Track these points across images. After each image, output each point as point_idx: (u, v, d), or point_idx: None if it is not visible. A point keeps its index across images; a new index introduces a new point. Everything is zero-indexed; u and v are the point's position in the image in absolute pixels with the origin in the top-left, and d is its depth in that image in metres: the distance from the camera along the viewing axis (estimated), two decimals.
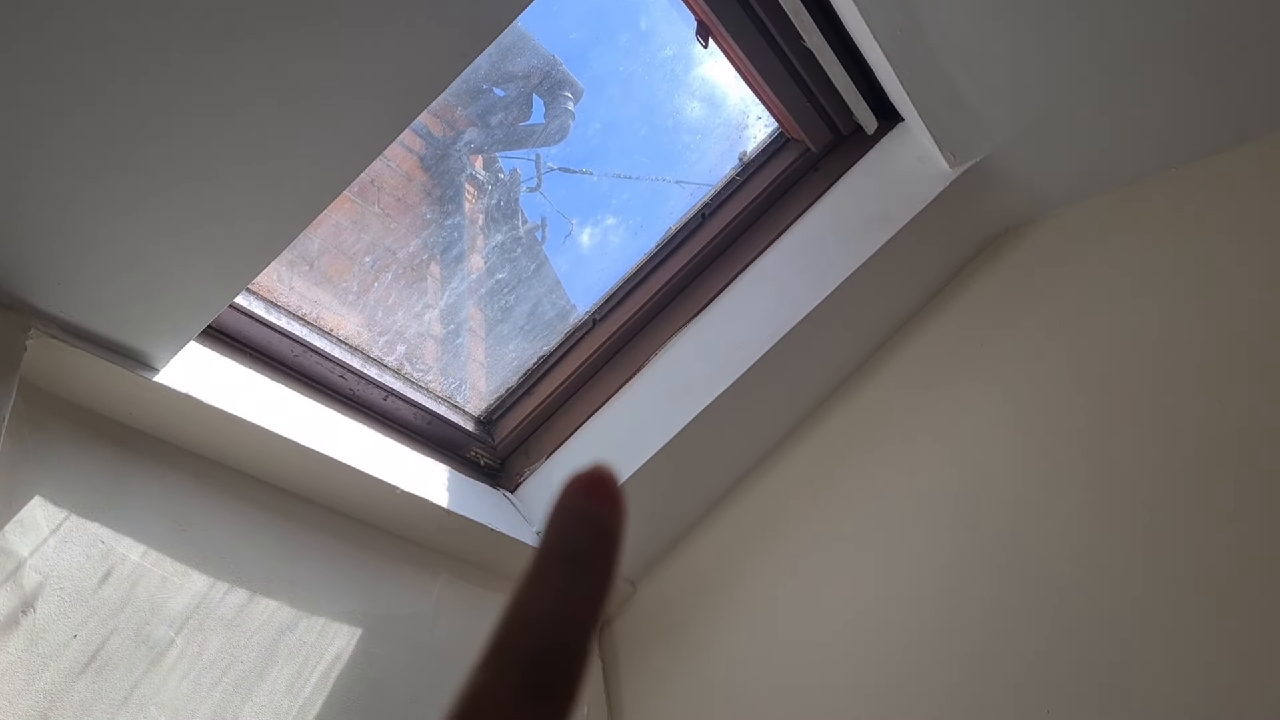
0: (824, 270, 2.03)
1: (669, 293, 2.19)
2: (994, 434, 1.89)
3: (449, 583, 1.92)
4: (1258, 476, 1.56)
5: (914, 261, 2.06)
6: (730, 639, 2.04)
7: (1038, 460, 1.81)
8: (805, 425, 2.15)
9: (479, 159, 2.87)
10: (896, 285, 2.07)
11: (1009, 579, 1.75)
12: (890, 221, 2.01)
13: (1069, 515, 1.73)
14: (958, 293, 2.09)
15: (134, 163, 1.25)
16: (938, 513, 1.88)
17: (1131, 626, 1.59)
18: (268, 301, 1.85)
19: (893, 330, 2.13)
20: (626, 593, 2.23)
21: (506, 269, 2.46)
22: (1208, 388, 1.69)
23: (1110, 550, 1.66)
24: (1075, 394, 1.83)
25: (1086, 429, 1.78)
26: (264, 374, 1.78)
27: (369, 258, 2.16)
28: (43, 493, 1.36)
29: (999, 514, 1.81)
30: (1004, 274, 2.05)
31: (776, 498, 2.12)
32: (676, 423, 2.03)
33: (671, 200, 2.35)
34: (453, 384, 2.21)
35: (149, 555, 1.46)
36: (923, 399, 2.01)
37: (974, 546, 1.81)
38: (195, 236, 1.36)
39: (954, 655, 1.75)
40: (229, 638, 1.51)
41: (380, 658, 1.72)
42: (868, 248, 2.00)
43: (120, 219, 1.30)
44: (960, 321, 2.06)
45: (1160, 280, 1.84)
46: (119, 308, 1.41)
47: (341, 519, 1.78)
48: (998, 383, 1.94)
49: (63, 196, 1.25)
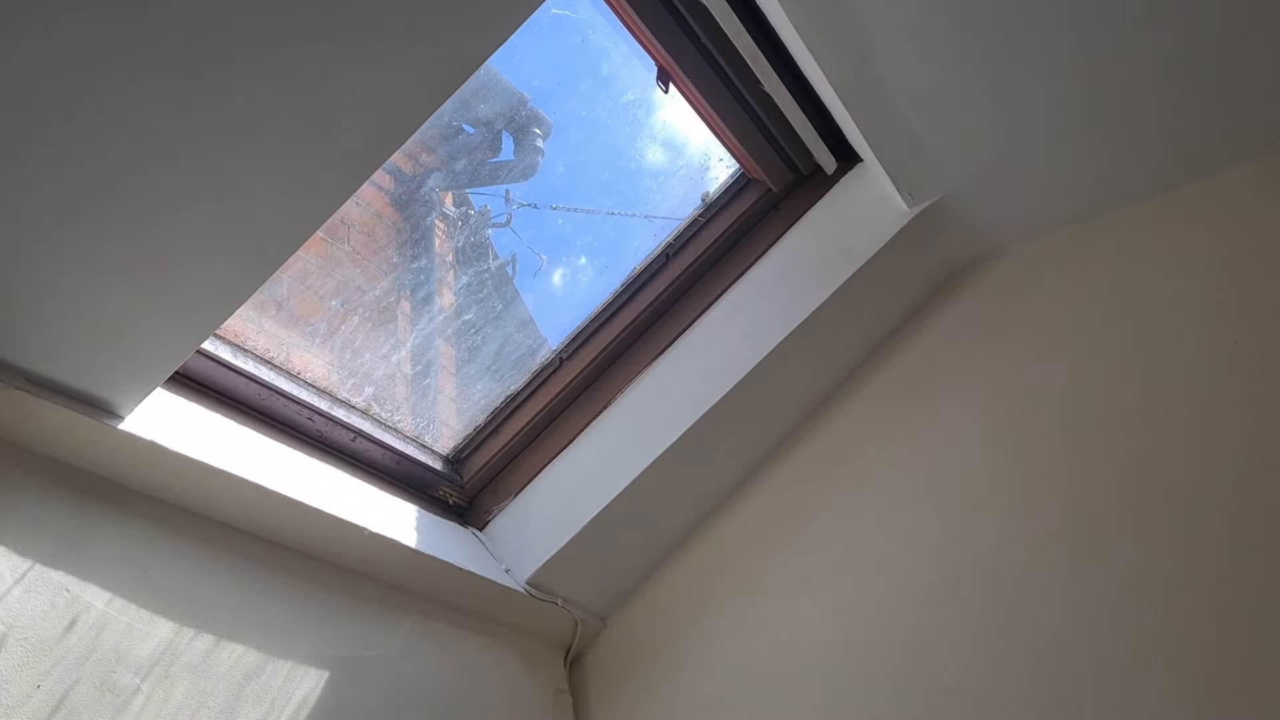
0: (786, 307, 2.06)
1: (634, 331, 2.22)
2: (957, 467, 1.92)
3: (417, 622, 1.93)
4: (1214, 495, 1.61)
5: (875, 298, 2.09)
6: (699, 671, 2.05)
7: (999, 490, 1.84)
8: (771, 460, 2.18)
9: (449, 195, 2.89)
10: (858, 322, 2.11)
11: (973, 616, 1.77)
12: (851, 259, 2.04)
13: (1030, 543, 1.76)
14: (918, 329, 2.13)
15: (91, 212, 1.26)
16: (901, 547, 1.91)
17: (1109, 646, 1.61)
18: (234, 345, 1.86)
19: (856, 365, 2.16)
20: (596, 628, 2.24)
21: (474, 309, 2.49)
22: (1162, 416, 1.73)
23: (1071, 575, 1.69)
24: (1035, 423, 1.86)
25: (1045, 457, 1.82)
26: (230, 418, 1.79)
27: (336, 300, 2.17)
28: (5, 542, 1.37)
29: (961, 544, 1.84)
30: (963, 309, 2.09)
31: (745, 532, 2.14)
32: (644, 459, 2.05)
33: (637, 238, 2.38)
34: (421, 423, 2.23)
35: (114, 603, 1.46)
36: (888, 432, 2.04)
37: (939, 580, 1.83)
38: (157, 285, 1.37)
39: (923, 691, 1.77)
40: (195, 683, 1.52)
41: (348, 699, 1.73)
42: (829, 285, 2.04)
43: (78, 268, 1.32)
44: (921, 357, 2.09)
45: (1114, 313, 1.88)
46: (81, 357, 1.42)
47: (309, 561, 1.79)
48: (960, 416, 1.97)
49: (20, 246, 1.26)
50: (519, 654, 2.11)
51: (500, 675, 2.05)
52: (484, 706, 1.97)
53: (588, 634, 2.24)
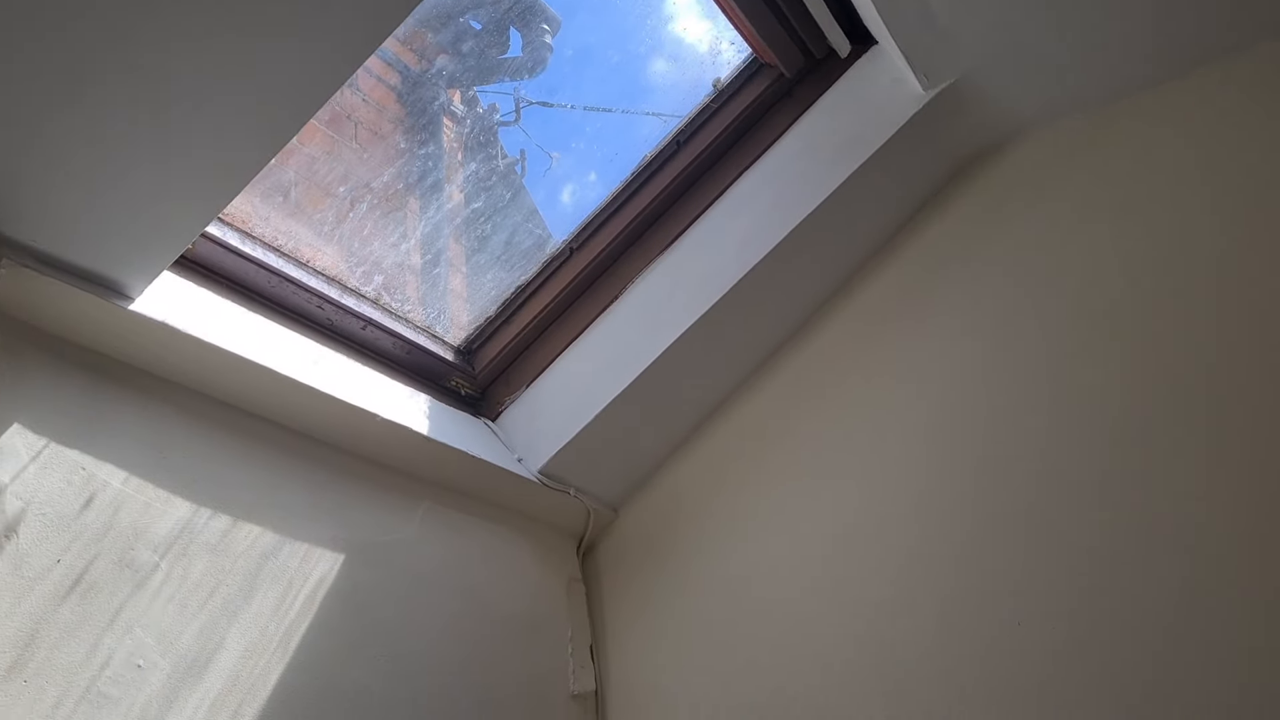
0: (800, 195, 2.04)
1: (645, 220, 2.19)
2: (972, 355, 1.91)
3: (431, 509, 1.94)
4: (1229, 391, 1.59)
5: (890, 185, 2.06)
6: (711, 560, 2.07)
7: (1011, 380, 1.83)
8: (784, 350, 2.17)
9: (456, 93, 2.85)
10: (872, 209, 2.08)
11: (981, 498, 1.78)
12: (865, 145, 2.01)
13: (1041, 435, 1.75)
14: (933, 215, 2.10)
15: (97, 91, 1.24)
16: (914, 434, 1.91)
17: (1100, 540, 1.62)
18: (243, 232, 1.84)
19: (869, 255, 2.14)
20: (609, 518, 2.26)
21: (482, 198, 2.46)
22: (1179, 304, 1.71)
23: (1079, 466, 1.69)
24: (1050, 312, 1.85)
25: (1059, 347, 1.80)
26: (241, 304, 1.79)
27: (343, 188, 2.15)
28: (21, 420, 1.37)
29: (973, 435, 1.83)
30: (980, 195, 2.06)
31: (755, 422, 2.14)
32: (655, 348, 2.05)
33: (647, 128, 2.34)
34: (432, 314, 2.22)
35: (130, 481, 1.48)
36: (902, 321, 2.03)
37: (948, 467, 1.83)
38: (164, 163, 1.36)
39: (928, 571, 1.78)
40: (213, 562, 1.54)
41: (364, 582, 1.75)
42: (843, 171, 2.01)
43: (86, 147, 1.30)
44: (937, 244, 2.07)
45: (1132, 200, 1.85)
46: (90, 236, 1.41)
47: (323, 447, 1.80)
48: (975, 303, 1.95)
49: (28, 126, 1.25)
50: (533, 543, 2.13)
51: (514, 563, 2.07)
52: (499, 593, 2.00)
53: (600, 524, 2.26)
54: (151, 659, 1.40)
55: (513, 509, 2.12)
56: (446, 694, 1.78)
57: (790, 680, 1.85)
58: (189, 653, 1.45)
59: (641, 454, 2.22)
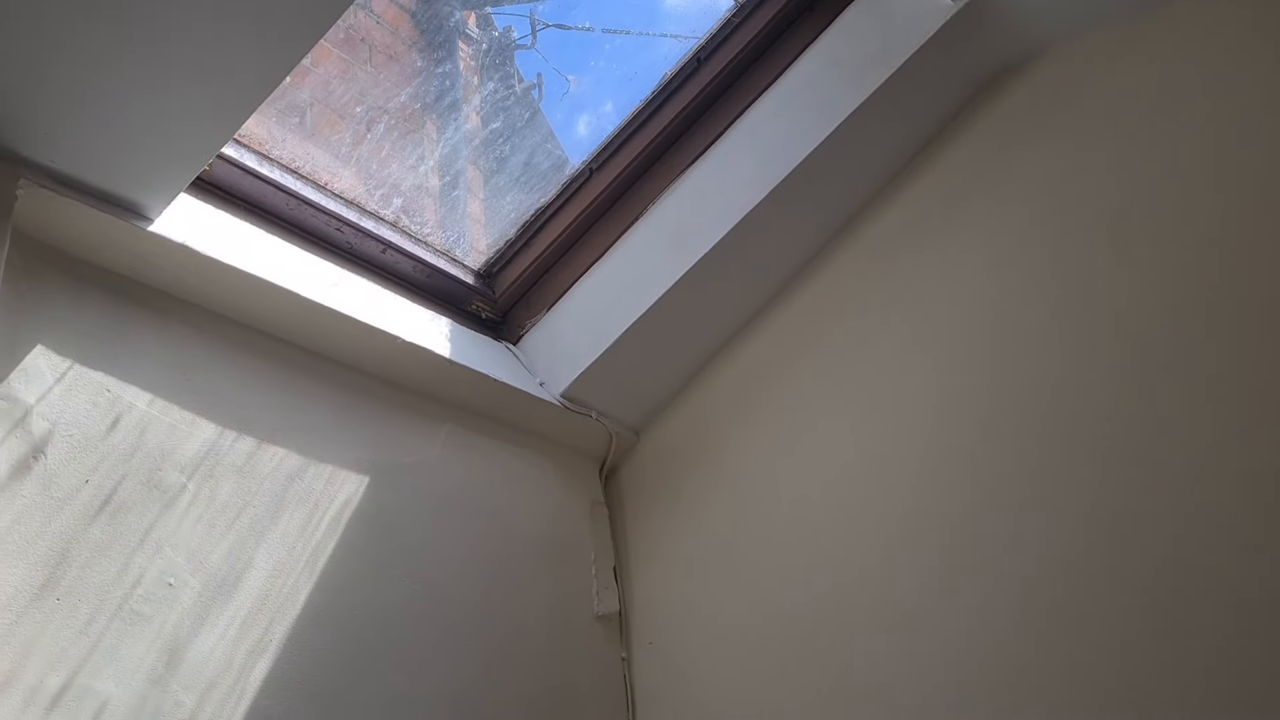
0: (823, 112, 2.00)
1: (665, 140, 2.16)
2: (996, 273, 1.89)
3: (454, 432, 1.95)
4: (1262, 299, 1.57)
5: (915, 101, 2.02)
6: (732, 482, 2.08)
7: (1042, 293, 1.81)
8: (806, 271, 2.15)
9: (471, 15, 2.80)
10: (897, 125, 2.04)
11: (997, 418, 1.77)
12: (889, 60, 1.96)
13: (1072, 346, 1.74)
14: (959, 132, 2.06)
15: (112, 11, 1.21)
16: (936, 356, 1.89)
17: (1112, 462, 1.62)
18: (260, 154, 1.82)
19: (894, 172, 2.10)
20: (630, 441, 2.26)
21: (500, 118, 2.42)
22: (1211, 213, 1.68)
23: (1098, 382, 1.68)
24: (1079, 224, 1.81)
25: (1086, 262, 1.78)
26: (260, 227, 1.77)
27: (360, 108, 2.12)
28: (44, 342, 1.37)
29: (992, 356, 1.82)
30: (1006, 110, 2.02)
31: (777, 345, 2.13)
32: (676, 270, 2.03)
33: (665, 48, 2.29)
34: (451, 237, 2.20)
35: (155, 403, 1.48)
36: (925, 240, 2.00)
37: (969, 388, 1.83)
38: (178, 83, 1.33)
39: (946, 492, 1.78)
40: (240, 483, 1.55)
41: (389, 503, 1.76)
42: (867, 87, 1.97)
43: (101, 68, 1.28)
44: (962, 161, 2.03)
45: (1158, 112, 1.81)
46: (108, 156, 1.40)
47: (345, 370, 1.80)
48: (1001, 220, 1.92)
49: (44, 47, 1.23)
50: (556, 465, 2.14)
51: (538, 485, 2.08)
52: (523, 515, 2.01)
53: (622, 447, 2.26)
54: (182, 578, 1.41)
55: (535, 432, 2.12)
56: (473, 615, 1.80)
57: (810, 598, 1.86)
58: (218, 572, 1.46)
59: (663, 377, 2.21)
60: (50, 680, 1.23)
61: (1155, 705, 1.47)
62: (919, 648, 1.71)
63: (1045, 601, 1.60)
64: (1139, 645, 1.50)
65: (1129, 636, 1.51)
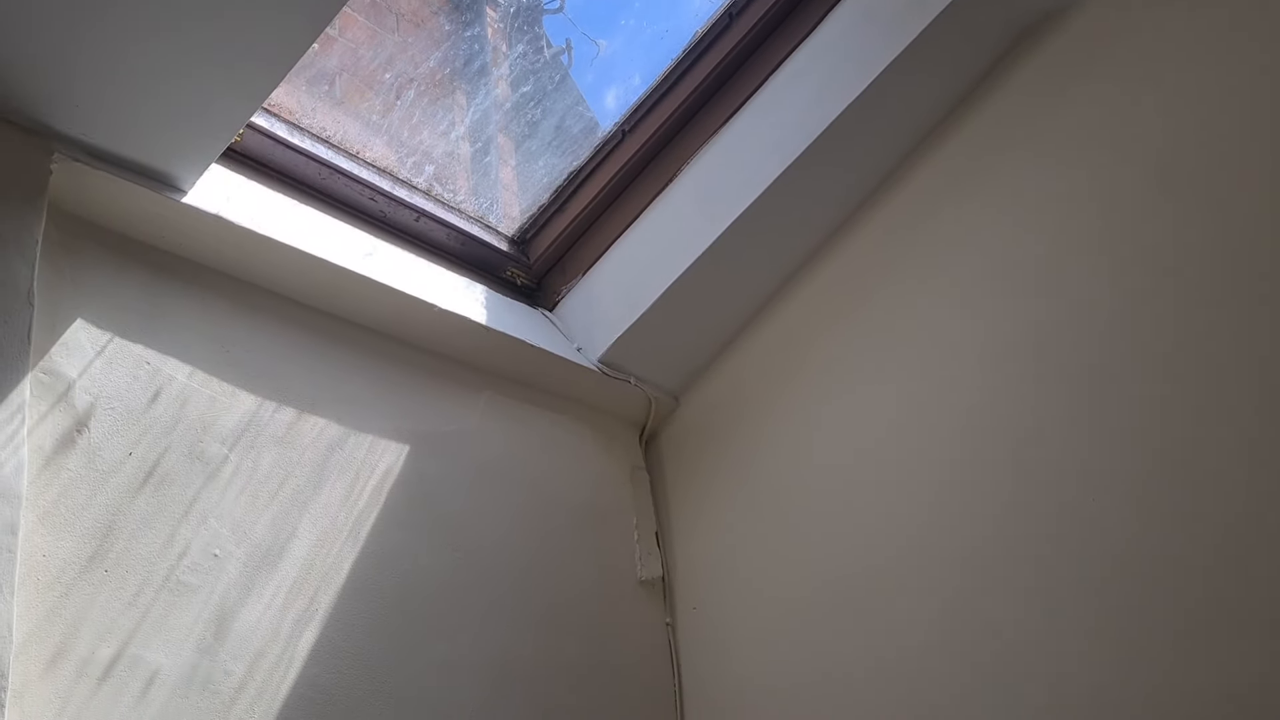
0: (858, 66, 1.95)
1: (698, 99, 2.12)
2: (1036, 228, 1.84)
3: (492, 399, 1.94)
4: None
5: (951, 53, 1.97)
6: (773, 447, 2.06)
7: (1085, 246, 1.77)
8: (843, 229, 2.11)
9: None
10: (933, 78, 1.99)
11: (1045, 373, 1.74)
12: (925, 10, 1.91)
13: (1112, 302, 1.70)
14: (997, 84, 2.00)
15: None
16: (979, 313, 1.86)
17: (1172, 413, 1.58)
18: (290, 124, 1.81)
19: (931, 127, 2.05)
20: (670, 406, 2.24)
21: (530, 81, 2.40)
22: (1258, 160, 1.63)
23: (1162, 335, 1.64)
24: (1126, 176, 1.77)
25: (1133, 209, 1.74)
26: (292, 197, 1.77)
27: (389, 74, 2.10)
28: (84, 315, 1.37)
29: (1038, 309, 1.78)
30: (1045, 60, 1.96)
31: (816, 307, 2.10)
32: (712, 232, 2.00)
33: (696, 3, 2.24)
34: (484, 204, 2.18)
35: (195, 375, 1.48)
36: (965, 195, 1.96)
37: (1016, 345, 1.79)
38: (206, 52, 1.32)
39: (993, 454, 1.76)
40: (281, 454, 1.55)
41: (430, 472, 1.76)
42: (902, 39, 1.92)
43: (130, 39, 1.27)
44: (1000, 113, 1.98)
45: (1201, 60, 1.75)
46: (139, 128, 1.40)
47: (382, 339, 1.79)
48: (1042, 173, 1.88)
49: (74, 22, 1.23)
50: (595, 431, 2.13)
51: (577, 451, 2.07)
52: (564, 482, 2.00)
53: (661, 413, 2.24)
54: (227, 548, 1.42)
55: (574, 399, 2.11)
56: (516, 583, 1.80)
57: (854, 562, 1.85)
58: (263, 542, 1.47)
59: (701, 341, 2.19)
60: (102, 651, 1.24)
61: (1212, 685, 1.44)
62: (967, 615, 1.68)
63: (1107, 562, 1.57)
64: (1207, 599, 1.47)
65: (1199, 592, 1.48)
